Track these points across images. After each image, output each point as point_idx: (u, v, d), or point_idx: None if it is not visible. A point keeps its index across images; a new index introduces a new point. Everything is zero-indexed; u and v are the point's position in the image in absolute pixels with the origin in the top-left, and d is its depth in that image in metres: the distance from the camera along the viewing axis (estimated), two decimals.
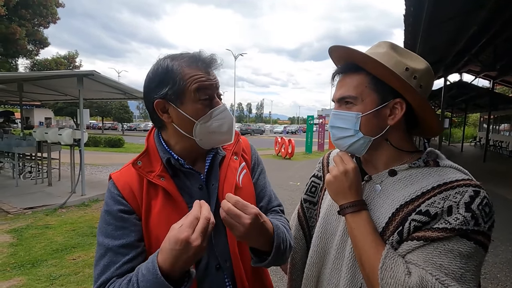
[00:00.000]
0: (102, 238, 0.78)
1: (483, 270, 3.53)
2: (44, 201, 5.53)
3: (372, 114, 0.76)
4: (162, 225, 0.79)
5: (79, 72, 5.81)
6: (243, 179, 0.93)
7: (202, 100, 0.81)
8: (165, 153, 0.85)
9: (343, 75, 0.81)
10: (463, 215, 0.64)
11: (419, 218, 0.67)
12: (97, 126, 46.42)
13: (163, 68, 0.80)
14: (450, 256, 0.63)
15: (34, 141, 6.83)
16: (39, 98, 10.37)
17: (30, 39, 16.27)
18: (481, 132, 24.84)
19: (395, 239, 0.70)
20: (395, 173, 0.78)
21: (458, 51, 7.42)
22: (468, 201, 0.65)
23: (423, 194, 0.71)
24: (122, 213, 0.79)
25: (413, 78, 0.75)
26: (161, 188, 0.81)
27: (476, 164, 13.27)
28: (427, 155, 0.79)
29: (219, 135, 0.85)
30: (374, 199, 0.78)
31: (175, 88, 0.79)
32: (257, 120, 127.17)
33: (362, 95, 0.76)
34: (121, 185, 0.82)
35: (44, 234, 4.15)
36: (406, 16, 4.68)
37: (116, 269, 0.74)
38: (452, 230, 0.63)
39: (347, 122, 0.78)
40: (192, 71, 0.80)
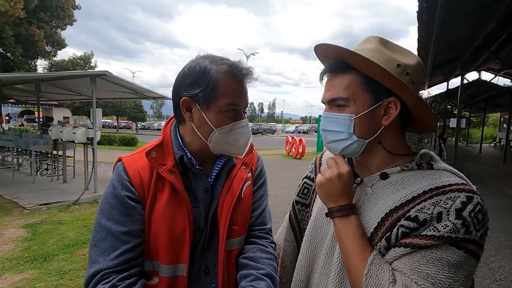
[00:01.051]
0: (105, 220, 0.77)
1: (498, 276, 3.40)
2: (59, 198, 5.71)
3: (366, 115, 0.71)
4: (164, 220, 0.79)
5: (92, 73, 5.96)
6: (246, 190, 0.93)
7: (228, 112, 0.81)
8: (180, 150, 0.85)
9: (332, 75, 0.77)
10: (453, 223, 0.60)
11: (407, 224, 0.64)
12: (112, 125, 47.56)
13: (201, 69, 0.79)
14: (438, 265, 0.59)
15: (50, 140, 7.06)
16: (56, 98, 10.71)
17: (48, 41, 16.85)
18: (501, 133, 23.89)
19: (383, 245, 0.67)
20: (386, 176, 0.74)
21: (476, 48, 7.14)
22: (460, 208, 0.61)
23: (414, 198, 0.67)
24: (129, 199, 0.78)
25: (405, 74, 0.71)
26: (169, 182, 0.81)
27: (495, 166, 12.76)
28: (421, 157, 0.75)
29: (233, 148, 0.85)
30: (364, 202, 0.76)
31: (207, 92, 0.78)
32: (268, 119, 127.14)
33: (354, 96, 0.72)
34: (132, 172, 0.81)
35: (57, 230, 4.27)
36: (420, 12, 4.53)
37: (115, 257, 0.74)
38: (440, 238, 0.59)
39: (340, 125, 0.74)
40: (228, 82, 0.79)
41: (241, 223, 0.90)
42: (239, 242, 0.91)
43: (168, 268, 0.79)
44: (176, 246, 0.79)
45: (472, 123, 27.55)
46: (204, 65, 0.79)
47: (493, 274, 3.45)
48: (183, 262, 0.80)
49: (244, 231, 0.92)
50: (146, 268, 0.82)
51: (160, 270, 0.80)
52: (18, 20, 13.41)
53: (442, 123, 15.88)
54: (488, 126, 32.38)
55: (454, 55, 8.37)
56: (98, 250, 0.75)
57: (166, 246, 0.78)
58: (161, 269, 0.80)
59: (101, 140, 16.24)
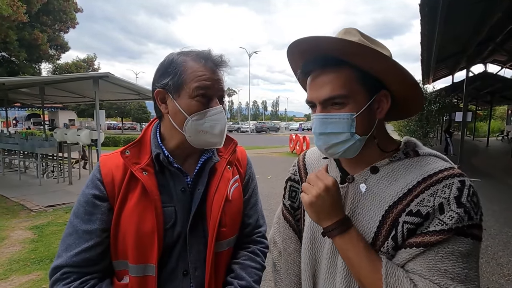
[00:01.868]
0: (73, 217, 0.80)
1: (507, 271, 3.36)
2: (65, 199, 5.77)
3: (365, 111, 0.69)
4: (132, 219, 0.78)
5: (95, 75, 5.99)
6: (234, 192, 0.91)
7: (199, 97, 0.80)
8: (157, 148, 0.84)
9: (322, 71, 0.70)
10: (457, 212, 0.61)
11: (412, 220, 0.64)
12: (117, 127, 47.95)
13: (169, 60, 0.82)
14: (452, 258, 0.61)
15: (55, 142, 7.13)
16: (61, 101, 10.80)
17: (52, 44, 16.97)
18: (509, 126, 23.51)
19: (390, 245, 0.66)
20: (377, 170, 0.73)
21: (481, 40, 7.02)
22: (457, 195, 0.62)
23: (409, 191, 0.67)
24: (95, 198, 0.80)
25: None
26: (141, 182, 0.80)
27: (503, 160, 12.57)
28: (406, 145, 0.74)
29: (210, 136, 0.83)
30: (360, 201, 0.73)
31: (175, 79, 0.79)
32: (272, 117, 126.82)
33: (353, 93, 0.68)
34: (105, 171, 0.82)
35: (63, 231, 4.30)
36: (422, 5, 4.46)
37: (75, 254, 0.76)
38: (449, 231, 0.61)
39: (340, 126, 0.68)
40: (196, 68, 0.80)
41: (230, 225, 0.88)
42: (227, 244, 0.89)
43: (137, 267, 0.78)
44: (145, 246, 0.78)
45: (478, 116, 27.21)
46: (172, 57, 0.82)
47: (501, 269, 3.39)
48: (152, 262, 0.78)
49: (232, 233, 0.91)
50: (117, 268, 0.82)
51: (130, 269, 0.79)
52: (21, 25, 13.54)
53: (448, 117, 15.69)
54: (495, 119, 31.93)
55: (459, 48, 8.24)
56: (64, 245, 0.78)
57: (134, 245, 0.78)
58: (130, 269, 0.79)
59: (106, 142, 16.38)
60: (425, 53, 7.37)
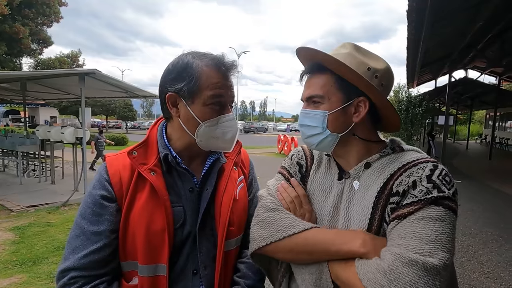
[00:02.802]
0: (80, 218, 0.79)
1: (486, 269, 3.49)
2: (47, 199, 5.58)
3: (338, 112, 0.79)
4: (141, 219, 0.78)
5: (81, 71, 5.83)
6: (240, 191, 0.93)
7: (212, 105, 0.81)
8: (164, 148, 0.85)
9: (311, 75, 0.84)
10: (426, 186, 0.68)
11: (393, 200, 0.71)
12: (101, 125, 46.75)
13: (183, 63, 0.81)
14: (422, 222, 0.64)
15: (37, 140, 6.88)
16: (43, 97, 10.42)
17: (34, 38, 16.36)
18: (487, 129, 24.53)
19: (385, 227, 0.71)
20: (369, 165, 0.81)
21: (464, 46, 7.30)
22: (429, 174, 0.69)
23: (391, 176, 0.75)
24: (103, 199, 0.79)
25: (374, 77, 0.79)
26: (149, 182, 0.80)
27: (481, 162, 13.11)
28: (392, 143, 0.84)
29: (221, 142, 0.85)
30: (356, 194, 0.80)
31: (190, 86, 0.79)
32: (260, 118, 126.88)
33: (329, 94, 0.79)
34: (112, 171, 0.82)
35: (46, 232, 4.18)
36: (409, 11, 4.60)
37: (83, 256, 0.75)
38: (418, 202, 0.66)
39: (315, 120, 0.81)
40: (211, 75, 0.80)
41: (237, 224, 0.90)
42: (235, 243, 0.91)
43: (147, 268, 0.78)
44: (155, 246, 0.78)
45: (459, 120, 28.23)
46: (187, 60, 0.81)
47: (481, 267, 3.54)
48: (162, 262, 0.78)
49: (239, 231, 0.92)
50: (126, 269, 0.81)
51: (139, 270, 0.79)
52: (2, 17, 12.97)
53: (431, 120, 16.21)
54: (474, 123, 33.23)
55: (443, 53, 8.54)
56: (70, 247, 0.77)
57: (144, 246, 0.77)
58: (140, 269, 0.79)
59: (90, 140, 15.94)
60: (410, 58, 7.60)
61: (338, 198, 0.82)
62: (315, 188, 0.89)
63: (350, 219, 0.78)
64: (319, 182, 0.89)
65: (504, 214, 5.54)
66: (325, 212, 0.83)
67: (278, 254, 0.81)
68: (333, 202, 0.82)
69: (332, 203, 0.82)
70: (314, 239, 0.75)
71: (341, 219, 0.79)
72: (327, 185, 0.87)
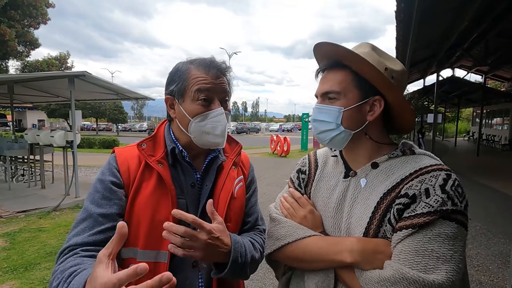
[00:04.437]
0: (88, 203, 0.82)
1: (476, 262, 3.59)
2: (38, 204, 5.46)
3: (354, 109, 0.80)
4: (147, 207, 0.82)
5: (70, 73, 5.74)
6: (238, 190, 0.97)
7: (200, 101, 0.85)
8: (172, 142, 0.91)
9: (328, 71, 0.85)
10: (441, 197, 0.68)
11: (400, 201, 0.71)
12: (91, 127, 46.03)
13: (175, 68, 0.89)
14: (439, 240, 0.66)
15: (26, 144, 6.74)
16: (31, 100, 10.20)
17: (20, 40, 15.96)
18: (474, 127, 25.11)
19: (388, 229, 0.72)
20: (377, 165, 0.82)
21: (450, 46, 7.49)
22: (442, 184, 0.70)
23: (402, 180, 0.75)
24: (112, 184, 0.83)
25: (391, 77, 0.79)
26: (156, 173, 0.85)
27: (469, 159, 13.42)
28: (403, 145, 0.84)
29: (212, 137, 0.88)
30: (361, 193, 0.81)
31: (179, 86, 0.86)
32: (252, 118, 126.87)
33: (345, 91, 0.80)
34: (121, 160, 0.87)
35: (37, 238, 4.10)
36: (398, 12, 4.69)
37: (89, 235, 0.76)
38: (435, 213, 0.67)
39: (329, 116, 0.82)
40: (196, 72, 0.85)
41: (234, 221, 0.94)
42: None
43: (148, 253, 0.81)
44: (158, 233, 0.79)
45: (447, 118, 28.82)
46: (178, 65, 0.89)
47: (471, 261, 3.64)
48: (164, 248, 0.80)
49: (236, 228, 0.96)
50: (125, 255, 0.83)
51: (138, 256, 0.81)
52: None
53: (420, 118, 16.52)
54: (462, 121, 33.98)
55: (430, 53, 8.72)
56: (75, 230, 0.78)
57: (148, 233, 0.81)
58: (139, 255, 0.81)
59: (80, 143, 15.67)
60: (399, 57, 7.72)
61: (343, 196, 0.83)
62: (320, 187, 0.91)
63: (352, 217, 0.79)
64: (325, 180, 0.92)
65: (492, 208, 5.69)
66: (330, 209, 0.85)
67: (284, 261, 0.89)
68: (337, 199, 0.84)
69: (336, 199, 0.84)
70: (309, 248, 0.80)
71: (344, 216, 0.81)
72: (333, 182, 0.89)
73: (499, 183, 7.75)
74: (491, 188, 7.44)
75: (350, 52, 0.77)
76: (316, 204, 0.91)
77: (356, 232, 0.76)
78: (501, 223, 4.79)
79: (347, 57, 0.79)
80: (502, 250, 3.90)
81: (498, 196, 6.68)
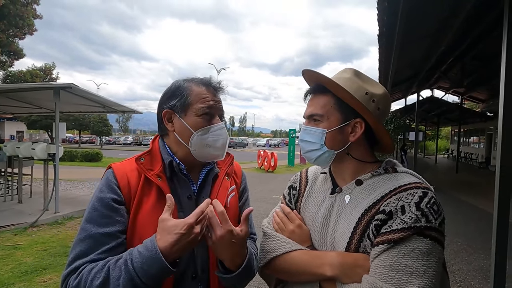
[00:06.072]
0: (85, 223, 0.80)
1: (458, 278, 3.66)
2: (13, 220, 5.20)
3: (336, 130, 0.86)
4: (150, 223, 0.81)
5: (56, 85, 5.65)
6: (231, 200, 0.99)
7: (203, 115, 0.91)
8: (168, 156, 0.92)
9: (313, 95, 0.92)
10: (415, 214, 0.71)
11: (378, 217, 0.75)
12: (74, 140, 44.72)
13: (176, 85, 0.94)
14: (413, 255, 0.69)
15: (5, 156, 6.47)
16: (12, 111, 9.88)
17: (4, 50, 15.63)
18: (453, 145, 26.14)
19: (367, 244, 0.76)
20: (361, 183, 0.86)
21: (429, 68, 7.90)
22: (418, 201, 0.73)
23: (382, 197, 0.79)
24: (113, 202, 0.82)
25: (371, 101, 0.85)
26: (156, 187, 0.86)
27: (449, 175, 13.88)
28: (386, 163, 0.88)
29: (213, 149, 0.93)
30: (345, 208, 0.85)
31: (182, 101, 0.90)
32: (240, 133, 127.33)
33: (328, 114, 0.86)
34: (120, 175, 0.86)
35: (12, 256, 3.88)
36: (380, 36, 4.95)
37: (95, 255, 0.76)
38: (409, 229, 0.70)
39: (314, 137, 0.88)
40: (201, 91, 0.92)
41: None
42: None
43: None
44: None
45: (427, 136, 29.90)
46: (179, 82, 0.94)
47: (453, 276, 3.71)
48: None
49: None
50: None
51: None
52: None
53: (402, 136, 17.07)
54: (442, 139, 35.30)
55: (411, 73, 9.16)
56: (75, 252, 0.77)
57: None
58: None
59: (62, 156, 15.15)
60: (382, 77, 8.08)
61: (329, 211, 0.88)
62: (309, 202, 0.96)
63: (336, 231, 0.83)
64: (313, 196, 0.96)
65: (472, 224, 5.87)
66: (317, 224, 0.89)
67: (273, 273, 0.92)
68: (324, 214, 0.88)
69: (323, 214, 0.88)
70: (295, 261, 0.84)
71: (330, 231, 0.85)
72: (320, 198, 0.93)
73: (477, 200, 8.04)
74: (470, 204, 7.70)
75: (329, 80, 0.85)
76: (305, 218, 0.95)
77: (340, 246, 0.80)
78: (480, 239, 4.93)
79: (327, 84, 0.86)
80: (482, 266, 4.00)
81: (477, 212, 6.91)
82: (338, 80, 0.84)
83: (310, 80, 0.94)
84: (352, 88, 0.83)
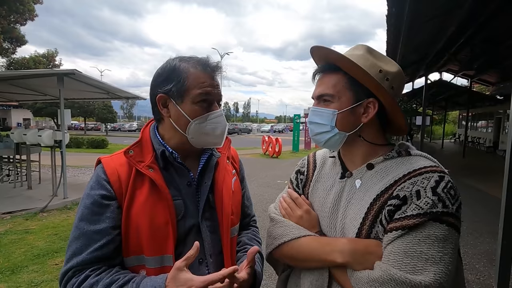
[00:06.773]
0: (78, 220, 0.80)
1: (463, 261, 3.67)
2: (24, 205, 5.32)
3: (347, 111, 0.81)
4: (144, 215, 0.80)
5: (59, 71, 5.62)
6: (234, 184, 0.98)
7: (201, 102, 0.85)
8: (160, 145, 0.88)
9: (323, 74, 0.86)
10: (431, 199, 0.68)
11: (391, 202, 0.72)
12: (79, 127, 45.12)
13: (171, 67, 0.86)
14: (429, 242, 0.66)
15: (12, 143, 6.55)
16: (17, 98, 9.93)
17: (6, 37, 15.54)
18: (460, 129, 25.79)
19: (380, 230, 0.73)
20: (372, 167, 0.82)
21: (438, 50, 7.67)
22: (434, 186, 0.70)
23: (395, 182, 0.75)
24: (103, 198, 0.80)
25: (385, 80, 0.80)
26: (148, 178, 0.83)
27: (456, 160, 13.76)
28: (399, 146, 0.84)
29: (212, 137, 0.89)
30: (355, 193, 0.82)
31: (179, 86, 0.84)
32: (244, 119, 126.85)
33: (339, 94, 0.81)
34: (109, 170, 0.83)
35: (24, 239, 3.99)
36: (388, 16, 4.79)
37: (87, 254, 0.76)
38: (425, 215, 0.67)
39: (324, 118, 0.83)
40: (198, 75, 0.85)
41: (235, 213, 0.97)
42: (235, 230, 0.98)
43: (154, 259, 0.81)
44: (160, 238, 0.81)
45: (434, 120, 29.52)
46: (174, 63, 0.86)
47: None
48: (168, 252, 0.81)
49: (238, 220, 1.00)
50: (131, 264, 0.82)
51: (146, 262, 0.81)
52: None
53: (409, 120, 16.88)
54: (449, 123, 34.83)
55: (419, 56, 8.92)
56: (71, 250, 0.78)
57: (149, 239, 0.80)
58: (147, 261, 0.81)
59: (68, 143, 15.29)
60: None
61: (338, 196, 0.84)
62: (317, 187, 0.93)
63: (346, 217, 0.80)
64: (322, 181, 0.93)
65: (478, 208, 5.85)
66: (326, 209, 0.86)
67: (281, 259, 0.90)
68: (333, 199, 0.85)
69: (332, 200, 0.85)
70: (303, 248, 0.82)
71: (339, 216, 0.82)
72: (329, 183, 0.90)
73: (484, 184, 7.98)
74: (477, 188, 7.65)
75: (341, 56, 0.79)
76: (313, 204, 0.92)
77: (350, 232, 0.77)
78: (486, 223, 4.93)
79: (339, 61, 0.81)
80: (487, 249, 4.01)
81: (484, 196, 6.88)
82: (351, 57, 0.78)
83: (319, 58, 0.88)
84: (366, 66, 0.77)
